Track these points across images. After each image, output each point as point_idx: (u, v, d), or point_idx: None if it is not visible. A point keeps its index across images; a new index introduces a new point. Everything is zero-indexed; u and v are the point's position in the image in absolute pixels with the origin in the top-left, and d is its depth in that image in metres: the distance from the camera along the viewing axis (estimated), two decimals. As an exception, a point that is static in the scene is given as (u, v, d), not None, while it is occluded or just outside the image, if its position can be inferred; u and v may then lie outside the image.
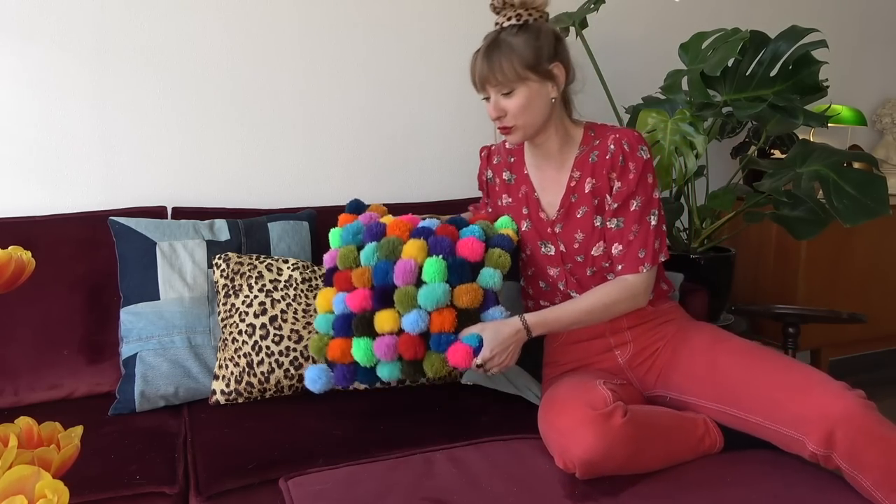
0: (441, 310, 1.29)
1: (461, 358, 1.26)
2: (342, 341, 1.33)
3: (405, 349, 1.29)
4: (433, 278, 1.30)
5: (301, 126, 2.06)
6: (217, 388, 1.50)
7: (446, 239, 1.34)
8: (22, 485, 0.65)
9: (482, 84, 1.33)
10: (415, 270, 1.31)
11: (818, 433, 1.11)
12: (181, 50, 1.90)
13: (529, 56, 1.31)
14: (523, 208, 1.45)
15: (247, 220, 1.74)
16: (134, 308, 1.58)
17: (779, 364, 1.25)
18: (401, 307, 1.30)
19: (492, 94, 1.34)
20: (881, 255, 2.53)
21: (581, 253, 1.40)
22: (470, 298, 1.30)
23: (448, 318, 1.28)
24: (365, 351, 1.30)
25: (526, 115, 1.33)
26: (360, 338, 1.31)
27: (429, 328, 1.29)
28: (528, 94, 1.32)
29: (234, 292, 1.57)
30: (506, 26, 1.34)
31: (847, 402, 1.11)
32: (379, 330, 1.31)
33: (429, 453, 1.24)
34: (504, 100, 1.33)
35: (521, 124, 1.34)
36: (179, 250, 1.63)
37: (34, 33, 1.76)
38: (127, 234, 1.63)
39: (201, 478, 1.22)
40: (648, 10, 2.49)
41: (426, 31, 2.17)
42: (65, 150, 1.82)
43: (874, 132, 3.03)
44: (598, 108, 2.32)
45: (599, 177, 1.36)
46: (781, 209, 1.87)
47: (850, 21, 2.87)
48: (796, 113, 1.75)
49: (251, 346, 1.51)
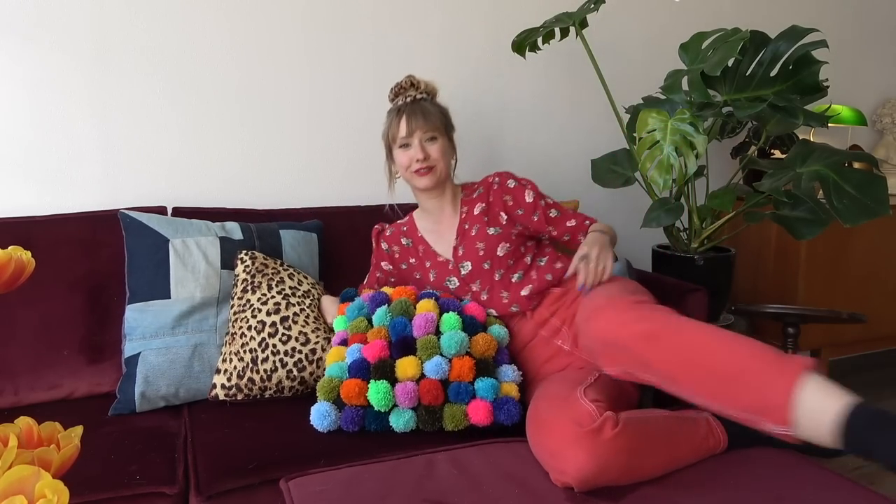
0: (461, 356, 1.38)
1: (483, 416, 1.33)
2: (357, 382, 1.35)
3: (426, 393, 1.34)
4: (451, 328, 1.41)
5: (302, 126, 2.06)
6: (218, 382, 1.50)
7: (454, 300, 1.51)
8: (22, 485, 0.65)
9: (412, 131, 1.60)
10: (434, 321, 1.42)
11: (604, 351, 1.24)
12: (181, 50, 1.90)
13: (444, 120, 1.66)
14: (426, 262, 1.68)
15: (259, 224, 1.75)
16: (141, 305, 1.57)
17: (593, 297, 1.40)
18: (423, 353, 1.37)
19: (416, 141, 1.60)
20: (881, 255, 2.53)
21: (487, 259, 1.60)
22: (485, 347, 1.41)
23: (467, 365, 1.37)
24: (384, 394, 1.32)
25: (443, 161, 1.63)
26: (379, 381, 1.34)
27: (448, 376, 1.37)
28: (444, 145, 1.64)
29: (253, 289, 1.57)
30: (418, 98, 1.65)
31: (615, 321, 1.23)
32: (401, 376, 1.36)
33: (430, 454, 1.23)
34: (429, 145, 1.61)
35: (439, 168, 1.62)
36: (193, 248, 1.63)
37: (34, 33, 1.76)
38: (138, 229, 1.62)
39: (202, 478, 1.22)
40: (648, 10, 2.49)
41: (428, 32, 2.17)
42: (65, 150, 1.82)
43: (874, 132, 3.04)
44: (599, 108, 2.33)
45: (487, 201, 1.65)
46: (781, 209, 1.87)
47: (850, 21, 2.87)
48: (796, 113, 1.75)
49: (258, 342, 1.51)
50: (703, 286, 1.71)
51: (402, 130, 1.61)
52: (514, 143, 2.36)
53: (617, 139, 2.26)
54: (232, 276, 1.64)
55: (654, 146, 1.82)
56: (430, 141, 1.61)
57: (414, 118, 1.60)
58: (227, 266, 1.64)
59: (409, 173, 1.63)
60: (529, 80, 2.35)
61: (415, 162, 1.60)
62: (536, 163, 2.36)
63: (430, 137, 1.61)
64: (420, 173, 1.61)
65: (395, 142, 1.64)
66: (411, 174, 1.62)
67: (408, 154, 1.61)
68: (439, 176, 1.63)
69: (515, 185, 1.65)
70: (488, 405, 1.34)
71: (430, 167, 1.61)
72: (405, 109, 1.62)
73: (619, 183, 2.12)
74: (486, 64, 2.27)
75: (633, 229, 2.15)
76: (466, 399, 1.35)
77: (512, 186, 1.65)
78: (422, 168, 1.60)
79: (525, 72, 2.32)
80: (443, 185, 1.66)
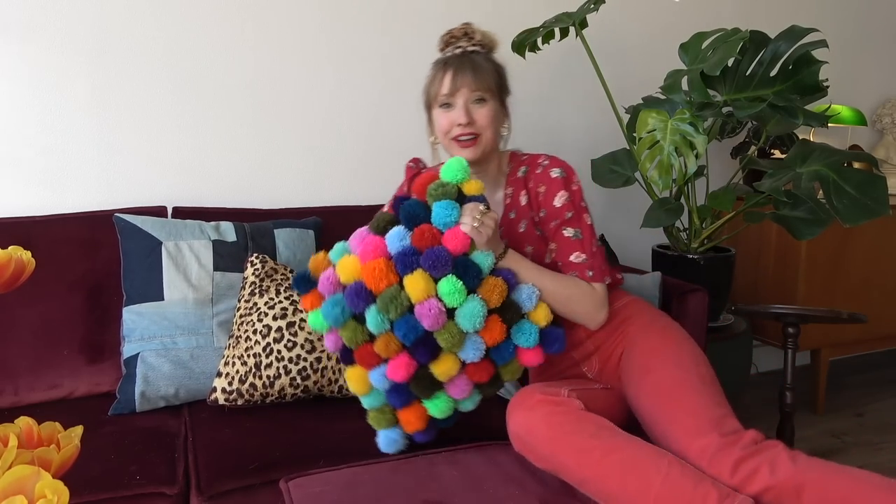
0: (486, 324, 1.17)
1: (535, 359, 1.22)
2: (411, 410, 1.22)
3: (479, 377, 1.20)
4: (458, 301, 1.15)
5: (303, 126, 2.06)
6: (218, 386, 1.48)
7: (437, 250, 1.17)
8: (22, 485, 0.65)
9: (456, 89, 1.34)
10: (442, 309, 1.15)
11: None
12: (182, 50, 1.90)
13: (498, 80, 1.39)
14: None
15: (252, 223, 1.74)
16: (137, 308, 1.58)
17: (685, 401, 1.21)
18: (453, 347, 1.16)
19: (460, 101, 1.34)
20: (881, 255, 2.53)
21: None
22: (499, 293, 1.18)
23: (496, 328, 1.18)
24: (444, 405, 1.21)
25: (490, 129, 1.36)
26: (431, 399, 1.20)
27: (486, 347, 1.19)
28: (494, 109, 1.37)
29: (261, 292, 1.56)
30: (469, 50, 1.39)
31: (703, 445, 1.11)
32: (444, 379, 1.19)
33: (431, 455, 1.23)
34: (475, 108, 1.35)
35: (486, 137, 1.36)
36: (185, 251, 1.62)
37: (35, 33, 1.76)
38: (132, 232, 1.63)
39: (202, 477, 1.22)
40: (648, 10, 2.49)
41: (429, 32, 2.16)
42: (65, 150, 1.82)
43: (874, 132, 3.03)
44: (599, 108, 2.33)
45: (527, 187, 1.39)
46: (781, 209, 1.87)
47: (850, 21, 2.87)
48: (796, 113, 1.75)
49: (263, 346, 1.49)
50: (703, 286, 1.71)
51: (445, 87, 1.35)
52: (513, 143, 2.35)
53: (617, 139, 2.25)
54: (225, 277, 1.63)
55: (654, 146, 1.82)
56: (477, 103, 1.35)
57: (461, 74, 1.34)
58: (219, 268, 1.64)
59: (448, 139, 1.37)
60: (529, 80, 2.34)
61: (456, 126, 1.35)
62: (536, 163, 2.36)
63: (479, 98, 1.35)
64: (462, 143, 1.35)
65: (435, 100, 1.38)
66: (450, 141, 1.37)
67: (449, 116, 1.36)
68: (485, 147, 1.37)
69: (557, 177, 1.36)
70: (535, 350, 1.21)
71: (475, 135, 1.35)
72: (453, 63, 1.36)
73: (619, 183, 2.12)
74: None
75: (633, 229, 2.15)
76: (510, 356, 1.21)
77: (553, 176, 1.36)
78: (464, 135, 1.34)
79: (525, 72, 2.32)
80: (488, 158, 1.41)
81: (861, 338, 2.56)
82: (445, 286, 1.15)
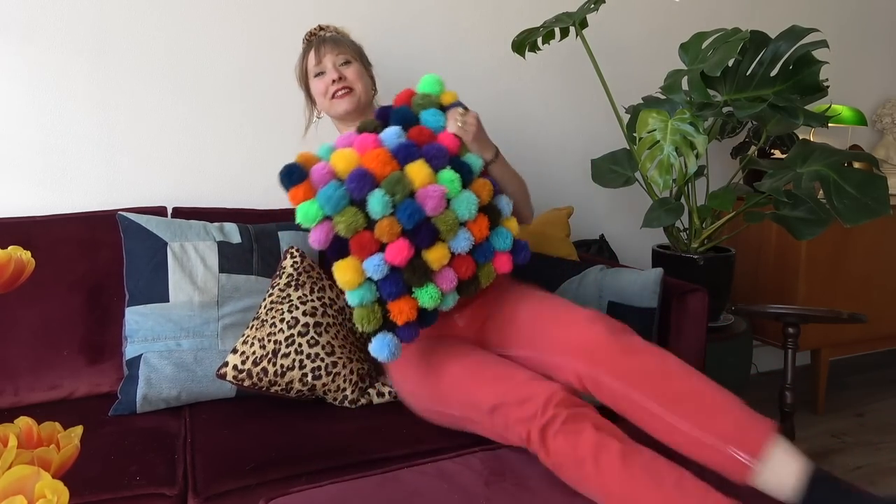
0: (475, 218, 1.29)
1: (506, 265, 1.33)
2: (403, 301, 1.23)
3: (463, 271, 1.27)
4: (456, 190, 1.28)
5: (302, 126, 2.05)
6: (231, 362, 1.46)
7: (436, 145, 1.31)
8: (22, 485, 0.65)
9: (322, 56, 1.57)
10: (445, 194, 1.26)
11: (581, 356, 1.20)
12: (182, 49, 1.90)
13: (357, 49, 1.64)
14: None
15: (256, 225, 1.74)
16: (141, 308, 1.57)
17: (546, 303, 1.37)
18: (448, 234, 1.25)
19: (329, 65, 1.57)
20: (881, 255, 2.53)
21: None
22: (487, 192, 1.32)
23: (483, 224, 1.29)
24: (434, 293, 1.24)
25: (360, 83, 1.58)
26: (423, 287, 1.24)
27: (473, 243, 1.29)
28: (359, 69, 1.60)
29: (297, 286, 1.56)
30: (327, 34, 1.63)
31: (597, 329, 1.21)
32: (437, 266, 1.24)
33: (418, 467, 1.19)
34: (344, 68, 1.58)
35: (358, 90, 1.57)
36: (191, 252, 1.62)
37: (35, 33, 1.76)
38: (136, 232, 1.62)
39: (199, 478, 1.22)
40: (648, 10, 2.49)
41: (429, 33, 2.17)
42: (65, 150, 1.82)
43: (874, 132, 3.04)
44: (599, 108, 2.33)
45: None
46: (781, 209, 1.87)
47: (850, 21, 2.87)
48: (796, 113, 1.75)
49: (286, 336, 1.48)
50: (703, 286, 1.71)
51: (312, 59, 1.59)
52: (513, 143, 2.35)
53: (617, 139, 2.26)
54: (230, 279, 1.63)
55: (654, 146, 1.82)
56: (344, 65, 1.58)
57: (324, 45, 1.58)
58: (224, 270, 1.63)
59: (327, 101, 1.58)
60: (529, 80, 2.35)
61: (331, 86, 1.56)
62: (536, 163, 2.36)
63: (344, 62, 1.58)
64: (339, 97, 1.56)
65: (309, 73, 1.61)
66: (330, 101, 1.57)
67: (323, 80, 1.58)
68: (359, 98, 1.57)
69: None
70: (507, 255, 1.33)
71: (349, 88, 1.56)
72: (315, 41, 1.61)
73: (619, 183, 2.12)
74: (485, 64, 2.27)
75: (633, 229, 2.16)
76: (490, 256, 1.31)
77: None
78: (338, 90, 1.55)
79: (525, 72, 2.32)
80: (364, 112, 1.58)
81: (861, 338, 2.56)
82: (446, 175, 1.28)
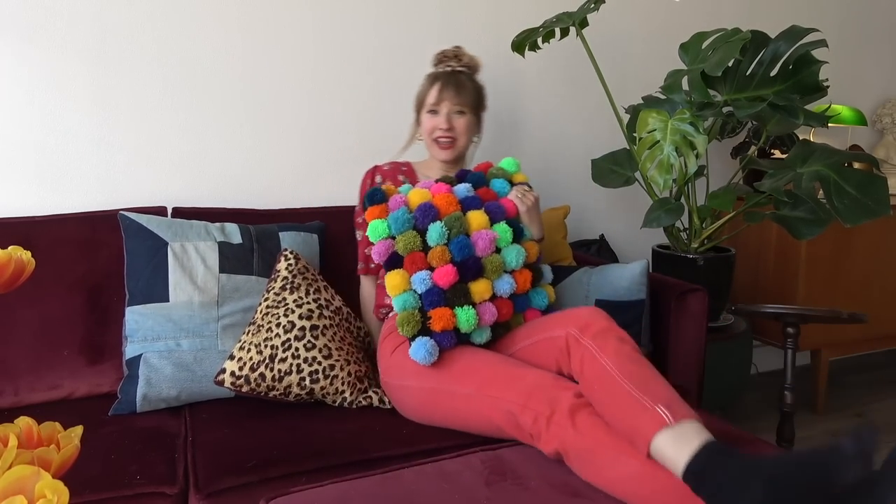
0: (521, 270, 1.47)
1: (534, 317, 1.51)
2: (442, 311, 1.39)
3: (503, 313, 1.44)
4: (507, 241, 1.47)
5: (303, 126, 2.06)
6: (228, 369, 1.46)
7: (498, 205, 1.51)
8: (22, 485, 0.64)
9: (442, 99, 1.67)
10: (495, 240, 1.45)
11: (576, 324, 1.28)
12: (182, 49, 1.90)
13: (476, 98, 1.73)
14: None
15: (257, 225, 1.74)
16: (141, 308, 1.57)
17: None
18: (493, 274, 1.43)
19: (444, 111, 1.68)
20: (881, 255, 2.53)
21: None
22: (534, 252, 1.52)
23: (527, 276, 1.48)
24: (471, 316, 1.39)
25: (465, 136, 1.71)
26: (463, 307, 1.40)
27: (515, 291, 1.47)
28: (470, 121, 1.72)
29: (292, 288, 1.56)
30: (457, 69, 1.72)
31: (599, 315, 1.28)
32: (478, 299, 1.42)
33: (419, 467, 1.19)
34: (455, 118, 1.69)
35: (460, 143, 1.71)
36: (191, 252, 1.62)
37: (35, 34, 1.76)
38: (137, 231, 1.62)
39: (201, 475, 1.22)
40: (648, 10, 2.49)
41: (429, 33, 2.17)
42: (65, 150, 1.82)
43: (874, 132, 3.04)
44: (599, 108, 2.33)
45: None
46: (782, 209, 1.87)
47: (850, 21, 2.87)
48: (796, 113, 1.75)
49: (282, 340, 1.48)
50: (703, 286, 1.71)
51: (432, 97, 1.69)
52: (513, 143, 2.36)
53: (617, 139, 2.26)
54: (230, 279, 1.63)
55: (654, 146, 1.82)
56: (457, 114, 1.69)
57: (447, 88, 1.68)
58: (224, 270, 1.63)
59: (430, 139, 1.71)
60: (529, 80, 2.35)
61: (438, 130, 1.68)
62: (536, 162, 2.36)
63: (459, 111, 1.69)
64: (441, 145, 1.69)
65: (424, 106, 1.72)
66: (432, 142, 1.70)
67: (434, 121, 1.69)
68: (459, 151, 1.71)
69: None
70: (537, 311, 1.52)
71: (452, 139, 1.69)
72: (441, 78, 1.70)
73: (619, 183, 2.12)
74: (485, 64, 2.26)
75: (633, 229, 2.16)
76: (525, 308, 1.50)
77: None
78: (443, 137, 1.68)
79: (525, 72, 2.32)
80: (458, 161, 1.75)
81: (861, 338, 2.57)
82: (501, 226, 1.48)
